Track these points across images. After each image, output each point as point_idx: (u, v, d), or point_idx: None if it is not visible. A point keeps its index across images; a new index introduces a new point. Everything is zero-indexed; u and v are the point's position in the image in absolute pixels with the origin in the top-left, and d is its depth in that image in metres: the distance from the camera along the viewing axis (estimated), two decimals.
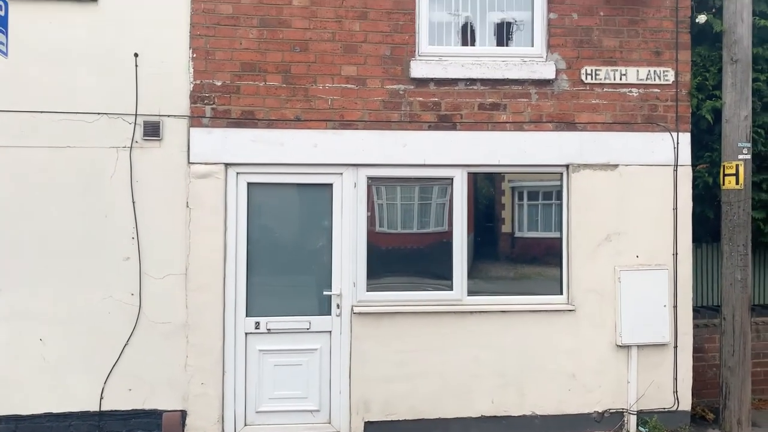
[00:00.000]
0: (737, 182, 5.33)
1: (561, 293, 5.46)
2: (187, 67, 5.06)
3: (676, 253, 5.41)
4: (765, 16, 5.69)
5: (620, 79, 5.41)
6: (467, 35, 5.60)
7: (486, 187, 5.65)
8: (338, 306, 5.22)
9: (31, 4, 4.92)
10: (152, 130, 4.98)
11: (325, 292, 5.23)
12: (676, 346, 5.42)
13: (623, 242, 5.40)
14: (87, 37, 4.98)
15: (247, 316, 5.15)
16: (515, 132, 5.36)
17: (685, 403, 5.47)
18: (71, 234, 4.95)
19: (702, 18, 5.48)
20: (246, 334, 5.15)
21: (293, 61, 5.17)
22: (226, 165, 5.10)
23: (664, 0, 5.44)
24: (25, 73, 4.92)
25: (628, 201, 5.39)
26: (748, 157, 5.36)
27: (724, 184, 5.41)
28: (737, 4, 5.36)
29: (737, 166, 5.32)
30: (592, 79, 5.39)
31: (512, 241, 5.73)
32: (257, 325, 5.16)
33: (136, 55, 4.99)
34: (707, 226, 5.97)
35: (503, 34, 5.64)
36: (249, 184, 5.17)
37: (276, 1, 5.14)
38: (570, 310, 5.36)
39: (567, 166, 5.41)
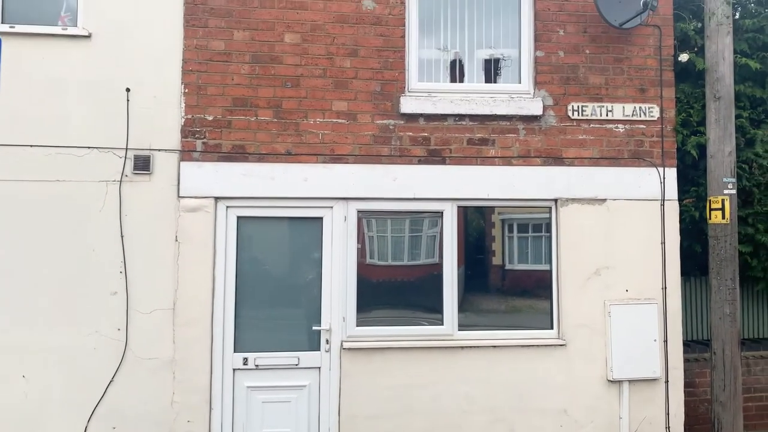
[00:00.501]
0: (723, 217, 5.39)
1: (551, 327, 5.44)
2: (179, 101, 5.10)
3: (665, 287, 5.43)
4: (746, 54, 5.84)
5: (606, 115, 5.50)
6: (456, 72, 5.69)
7: (476, 220, 5.68)
8: (327, 341, 5.17)
9: (24, 39, 4.97)
10: (143, 164, 4.99)
11: (314, 327, 5.18)
12: (667, 381, 5.39)
13: (612, 276, 5.41)
14: (79, 71, 5.02)
15: (235, 351, 5.09)
16: (504, 167, 5.41)
17: None
18: (58, 268, 4.90)
19: (684, 57, 5.62)
20: (234, 370, 5.08)
21: (285, 97, 5.23)
22: (216, 199, 5.10)
23: (648, 39, 5.58)
24: (16, 107, 4.93)
25: (617, 235, 5.43)
26: (734, 192, 5.43)
27: (710, 219, 5.47)
28: (718, 44, 5.51)
29: (723, 200, 5.39)
30: (578, 115, 5.48)
31: (503, 274, 5.74)
32: (245, 361, 5.09)
33: (127, 90, 5.03)
34: (695, 260, 6.01)
35: (491, 70, 5.75)
36: (239, 218, 5.17)
37: (268, 38, 5.22)
38: (561, 345, 5.33)
39: (555, 200, 5.45)
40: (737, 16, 5.99)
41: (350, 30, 5.32)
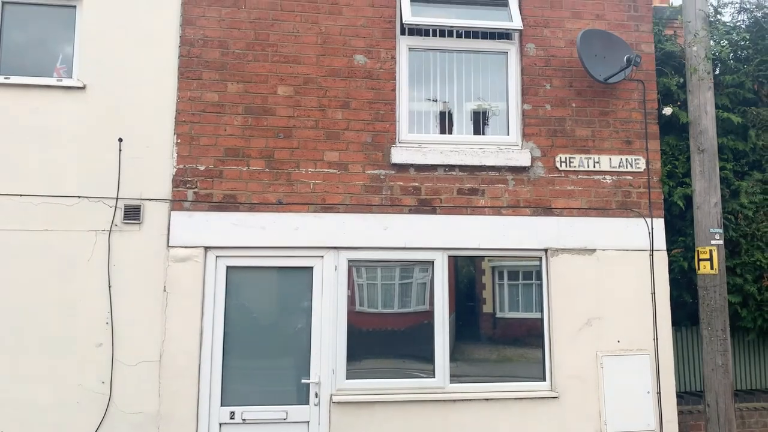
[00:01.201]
0: (712, 267, 5.43)
1: (544, 379, 5.38)
2: (171, 151, 5.14)
3: (657, 338, 5.41)
4: (727, 109, 6.00)
5: (594, 166, 5.60)
6: (445, 123, 5.80)
7: (466, 267, 5.67)
8: (317, 395, 5.07)
9: (19, 90, 5.01)
10: (133, 214, 4.98)
11: (303, 380, 5.08)
12: None
13: (604, 326, 5.40)
14: (73, 121, 5.05)
15: (222, 405, 4.96)
16: (494, 216, 5.45)
17: None
18: (43, 319, 4.82)
19: (668, 110, 5.77)
20: (220, 424, 4.94)
21: (277, 147, 5.28)
22: (206, 248, 5.08)
23: (632, 93, 5.74)
24: (7, 156, 4.94)
25: (607, 285, 5.44)
26: (721, 242, 5.49)
27: (699, 269, 5.51)
28: (700, 98, 5.67)
29: (711, 251, 5.44)
30: (566, 166, 5.57)
31: (494, 322, 5.70)
32: (232, 415, 4.97)
33: (120, 140, 5.06)
34: (685, 310, 6.03)
35: (479, 122, 5.86)
36: (228, 267, 5.13)
37: (261, 90, 5.31)
38: (553, 398, 5.26)
39: (545, 250, 5.48)
40: (717, 72, 6.19)
41: (342, 83, 5.43)
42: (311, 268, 5.24)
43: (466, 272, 5.68)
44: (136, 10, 5.26)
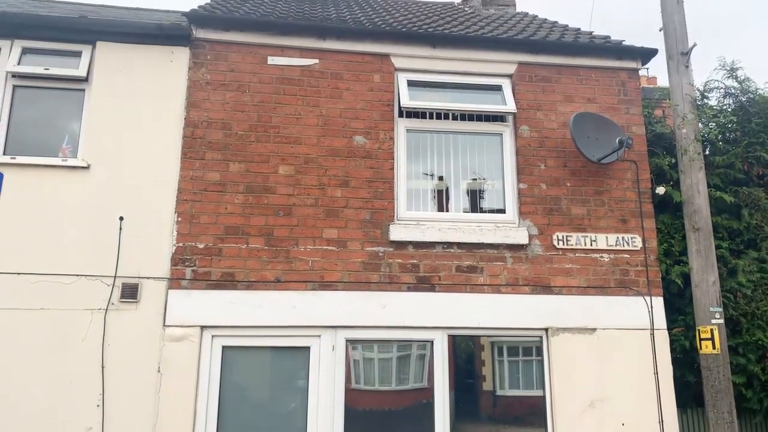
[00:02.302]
0: (714, 347, 5.37)
1: None
2: (171, 230, 5.17)
3: (662, 421, 5.27)
4: (719, 188, 6.11)
5: (591, 244, 5.64)
6: (443, 200, 5.89)
7: (465, 342, 5.58)
8: None
9: (23, 169, 5.09)
10: (130, 293, 4.95)
11: None
12: None
13: (608, 409, 5.26)
14: (75, 200, 5.11)
15: None
16: (493, 294, 5.43)
17: None
18: (32, 401, 4.68)
19: (661, 190, 5.87)
20: None
21: (276, 225, 5.33)
22: (202, 328, 5.02)
23: (626, 173, 5.86)
24: (8, 234, 4.96)
25: (609, 365, 5.35)
26: (721, 321, 5.46)
27: (701, 349, 5.44)
28: (692, 178, 5.79)
29: (712, 330, 5.40)
30: (564, 244, 5.61)
31: (494, 400, 5.57)
32: None
33: (121, 218, 5.10)
34: (690, 390, 5.89)
35: (477, 200, 5.95)
36: (224, 347, 5.06)
37: (263, 169, 5.41)
38: None
39: (546, 329, 5.42)
40: (707, 153, 6.35)
41: (342, 162, 5.55)
42: (308, 348, 5.16)
43: (465, 347, 5.60)
44: (143, 93, 5.44)
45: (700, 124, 6.19)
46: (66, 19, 5.65)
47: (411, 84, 5.87)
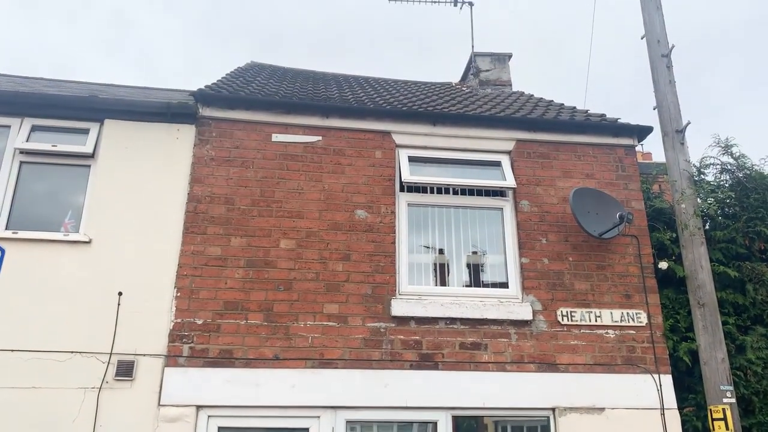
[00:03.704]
0: (727, 428, 5.17)
1: None
2: (170, 305, 5.09)
3: None
4: (722, 263, 6.06)
5: (596, 320, 5.55)
6: (445, 274, 5.85)
7: (467, 422, 5.37)
8: None
9: (25, 244, 5.08)
10: (125, 370, 4.81)
11: None
12: None
13: None
14: (75, 274, 5.06)
15: None
16: (498, 372, 5.29)
17: None
18: None
19: (664, 264, 5.84)
20: None
21: (276, 300, 5.26)
22: (198, 407, 4.84)
23: (627, 248, 5.86)
24: (3, 310, 4.88)
25: None
26: (733, 400, 5.29)
27: (714, 430, 5.24)
28: (694, 253, 5.78)
29: (724, 410, 5.22)
30: (568, 320, 5.52)
31: None
32: None
33: (120, 293, 5.04)
34: None
35: (478, 274, 5.91)
36: (220, 428, 4.86)
37: (264, 244, 5.41)
38: None
39: (553, 409, 5.24)
40: (708, 227, 6.36)
41: (343, 236, 5.55)
42: (307, 429, 4.97)
43: (467, 427, 5.38)
44: (148, 169, 5.51)
45: (698, 199, 6.24)
46: (77, 99, 5.81)
47: (412, 159, 5.98)
